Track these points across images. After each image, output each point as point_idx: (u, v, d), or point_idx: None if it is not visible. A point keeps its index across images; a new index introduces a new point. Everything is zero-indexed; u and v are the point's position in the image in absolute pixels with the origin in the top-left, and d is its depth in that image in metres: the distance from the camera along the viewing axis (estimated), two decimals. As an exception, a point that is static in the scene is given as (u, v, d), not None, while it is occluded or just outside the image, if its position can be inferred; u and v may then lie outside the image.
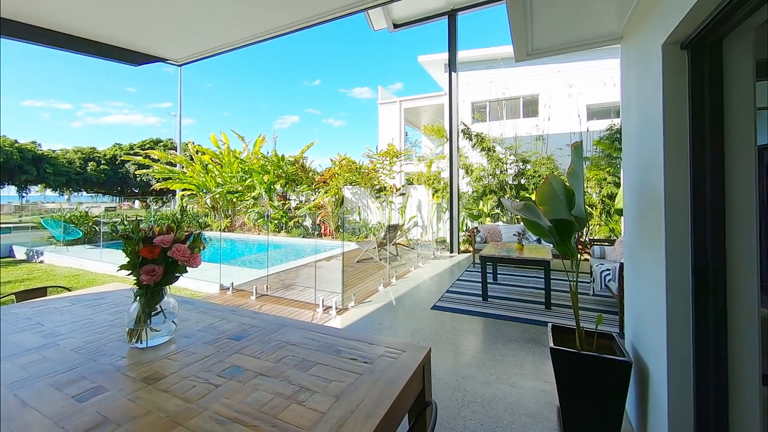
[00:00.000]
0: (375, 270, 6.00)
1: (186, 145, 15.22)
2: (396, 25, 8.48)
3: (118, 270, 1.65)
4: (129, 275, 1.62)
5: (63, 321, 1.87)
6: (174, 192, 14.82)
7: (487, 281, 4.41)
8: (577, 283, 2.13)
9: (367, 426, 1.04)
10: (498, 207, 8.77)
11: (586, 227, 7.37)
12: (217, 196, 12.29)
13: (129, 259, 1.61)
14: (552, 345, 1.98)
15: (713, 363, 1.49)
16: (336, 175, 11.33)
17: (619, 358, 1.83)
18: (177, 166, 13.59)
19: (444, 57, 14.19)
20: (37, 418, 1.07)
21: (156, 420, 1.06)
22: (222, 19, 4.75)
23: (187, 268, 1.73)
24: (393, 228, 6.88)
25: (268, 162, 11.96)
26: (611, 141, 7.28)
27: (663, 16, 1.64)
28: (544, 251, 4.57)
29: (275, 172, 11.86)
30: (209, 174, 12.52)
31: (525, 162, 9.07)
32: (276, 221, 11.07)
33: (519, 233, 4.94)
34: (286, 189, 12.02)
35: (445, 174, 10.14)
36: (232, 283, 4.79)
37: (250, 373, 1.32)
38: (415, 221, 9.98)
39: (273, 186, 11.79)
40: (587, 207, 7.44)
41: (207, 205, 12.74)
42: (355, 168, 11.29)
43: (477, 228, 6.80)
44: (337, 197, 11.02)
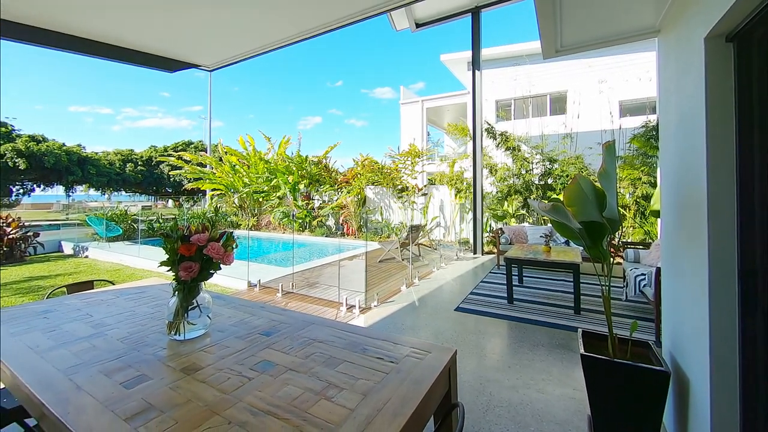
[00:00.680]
0: (397, 270, 6.01)
1: (215, 147, 15.86)
2: (418, 25, 8.44)
3: (158, 266, 1.76)
4: (168, 271, 1.72)
5: (109, 312, 2.01)
6: (204, 192, 15.48)
7: (513, 284, 4.31)
8: (610, 288, 2.05)
9: (394, 425, 1.05)
10: (524, 208, 8.54)
11: (618, 230, 7.05)
12: (244, 195, 12.72)
13: (168, 256, 1.71)
14: (583, 351, 1.92)
15: (762, 374, 1.39)
16: (358, 175, 11.43)
17: (657, 367, 1.75)
18: (207, 167, 14.18)
19: (467, 55, 13.98)
20: (90, 401, 1.16)
21: (195, 408, 1.12)
22: (250, 25, 4.92)
23: (221, 265, 1.82)
24: (415, 228, 6.86)
25: (292, 163, 12.25)
26: (646, 139, 6.90)
27: (705, 7, 1.55)
28: (572, 254, 4.41)
29: (299, 172, 12.12)
30: (237, 174, 12.98)
31: (552, 161, 8.78)
32: (300, 220, 11.32)
33: (546, 235, 4.80)
34: (309, 189, 12.27)
35: (468, 174, 9.98)
36: (259, 280, 4.95)
37: (280, 368, 1.37)
38: (438, 221, 9.90)
39: (297, 186, 12.06)
40: (620, 208, 7.10)
41: (235, 205, 13.22)
42: (378, 168, 11.35)
43: (501, 229, 6.66)
44: (360, 197, 11.12)
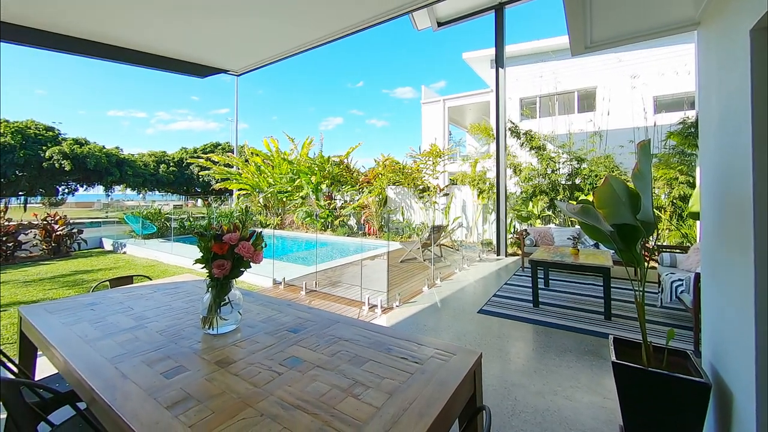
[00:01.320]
0: (419, 270, 5.99)
1: (241, 148, 16.40)
2: (440, 24, 8.36)
3: (194, 263, 1.85)
4: (202, 268, 1.81)
5: (148, 306, 2.13)
6: (231, 191, 16.05)
7: (538, 287, 4.20)
8: (644, 294, 1.96)
9: (421, 425, 1.06)
10: (549, 208, 8.29)
11: (653, 233, 6.70)
12: (269, 195, 13.09)
13: (203, 254, 1.80)
14: (614, 359, 1.85)
15: (817, 392, 1.30)
16: (380, 176, 11.48)
17: (696, 379, 1.66)
18: (234, 167, 14.69)
19: (490, 53, 13.74)
20: (135, 389, 1.24)
21: (230, 400, 1.18)
22: (276, 31, 5.05)
23: (251, 263, 1.89)
24: (437, 229, 6.82)
25: (314, 163, 12.47)
26: (684, 136, 6.52)
27: (754, -3, 1.46)
28: (602, 257, 4.24)
29: (321, 173, 12.33)
30: (262, 175, 13.37)
31: (579, 161, 8.47)
32: (322, 220, 11.51)
33: (574, 237, 4.63)
34: (331, 189, 12.45)
35: (491, 174, 9.80)
36: (284, 278, 5.09)
37: (308, 365, 1.41)
38: (460, 222, 9.78)
39: (319, 186, 12.27)
40: (655, 210, 6.75)
41: (260, 204, 13.62)
42: (399, 168, 11.35)
43: (526, 230, 6.49)
44: (381, 197, 11.17)
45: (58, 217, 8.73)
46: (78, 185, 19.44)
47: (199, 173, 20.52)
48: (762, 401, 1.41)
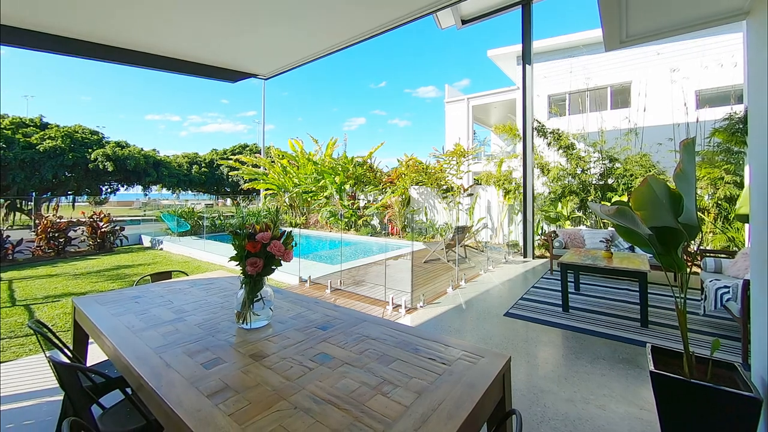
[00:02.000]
0: (443, 271, 5.94)
1: (268, 149, 16.91)
2: (464, 21, 8.23)
3: (229, 260, 1.94)
4: (237, 266, 1.89)
5: (186, 300, 2.25)
6: (258, 191, 16.58)
7: (568, 291, 4.05)
8: (685, 301, 1.86)
9: (450, 425, 1.06)
10: (580, 209, 7.97)
11: (696, 236, 6.29)
12: (294, 195, 13.41)
13: (237, 252, 1.88)
14: (653, 369, 1.76)
15: None
16: (403, 176, 11.48)
17: (745, 393, 1.55)
18: (261, 168, 15.17)
19: (516, 49, 13.38)
20: (178, 378, 1.32)
21: (264, 392, 1.23)
22: (303, 35, 5.18)
23: (282, 261, 1.95)
24: (461, 229, 6.73)
25: (338, 164, 12.65)
26: (730, 132, 6.07)
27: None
28: (638, 261, 4.03)
29: (345, 173, 12.49)
30: (287, 175, 13.72)
31: (613, 160, 8.08)
32: (346, 220, 11.66)
33: (607, 240, 4.43)
34: (355, 189, 12.58)
35: (517, 174, 9.55)
36: (309, 277, 5.21)
37: (337, 361, 1.44)
38: (485, 223, 9.60)
39: (343, 186, 12.43)
40: (698, 212, 6.34)
41: (285, 204, 13.99)
42: (422, 168, 11.29)
43: (555, 232, 6.28)
44: (404, 197, 11.16)
45: (102, 215, 9.37)
46: (119, 185, 20.76)
47: (229, 174, 21.34)
48: (823, 421, 1.30)
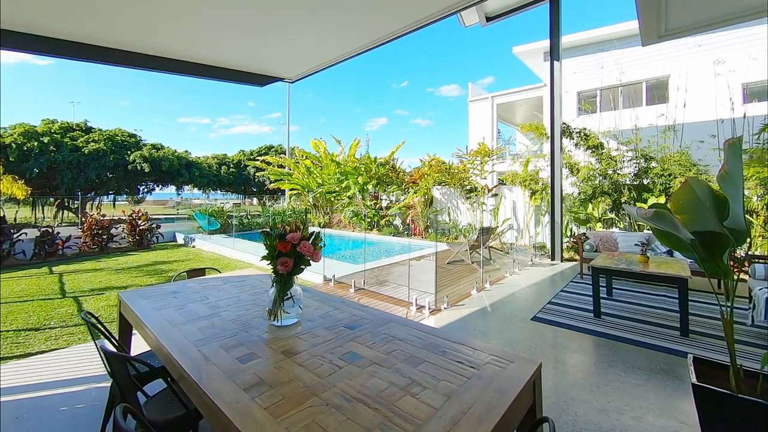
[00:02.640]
0: (467, 273, 5.86)
1: (293, 150, 17.31)
2: (489, 18, 8.05)
3: (260, 259, 2.01)
4: (268, 265, 1.96)
5: (220, 296, 2.36)
6: (284, 191, 17.02)
7: (600, 296, 3.89)
8: (732, 310, 1.74)
9: (480, 430, 1.06)
10: (612, 211, 7.62)
11: (744, 242, 5.84)
12: (318, 195, 13.66)
13: (268, 252, 1.95)
14: (695, 381, 1.67)
15: None
16: (425, 176, 11.41)
17: (801, 411, 1.44)
18: (286, 168, 15.56)
19: (543, 45, 12.98)
20: (216, 371, 1.39)
21: (297, 388, 1.27)
22: (329, 39, 5.28)
23: (310, 261, 2.00)
24: (486, 230, 6.61)
25: (361, 163, 12.77)
26: (784, 128, 5.60)
27: None
28: (677, 266, 3.81)
29: (368, 173, 12.58)
30: (311, 175, 14.00)
31: (648, 159, 7.66)
32: (369, 219, 11.75)
33: (643, 243, 4.21)
34: (377, 189, 12.65)
35: (544, 174, 9.26)
36: (333, 276, 5.30)
37: (365, 361, 1.47)
38: (510, 224, 9.38)
39: (366, 186, 12.53)
40: (746, 215, 5.89)
41: (309, 203, 14.28)
42: (445, 168, 11.18)
43: (585, 234, 6.04)
44: (427, 197, 11.10)
45: (141, 214, 9.94)
46: (155, 185, 21.95)
47: (255, 174, 22.03)
48: None
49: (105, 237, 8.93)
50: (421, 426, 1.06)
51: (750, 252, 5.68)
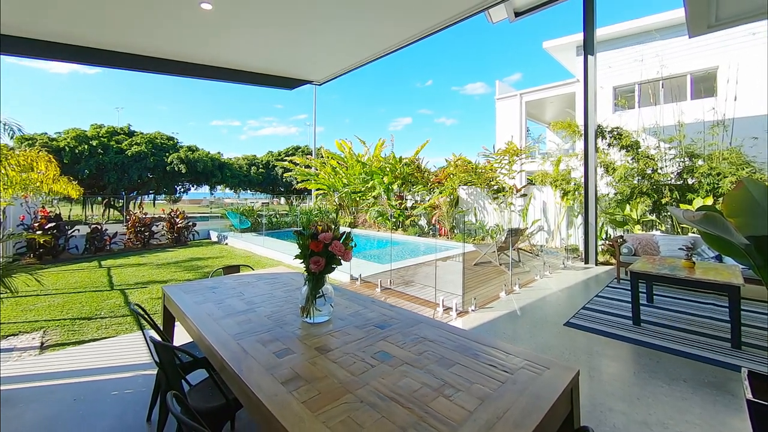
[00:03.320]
0: (495, 275, 5.74)
1: (319, 151, 17.65)
2: (518, 14, 7.80)
3: (294, 258, 2.08)
4: (301, 263, 2.01)
5: (255, 293, 2.46)
6: (310, 191, 17.39)
7: (639, 302, 3.68)
8: (797, 322, 1.60)
9: (516, 435, 1.04)
10: (652, 212, 7.18)
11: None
12: (343, 195, 13.85)
13: (301, 251, 2.01)
14: (751, 397, 1.55)
15: None
16: (451, 176, 11.27)
17: None
18: (312, 169, 15.90)
19: (576, 39, 12.44)
20: (255, 364, 1.45)
21: (332, 384, 1.30)
22: (356, 40, 5.35)
23: (342, 261, 2.05)
24: (515, 231, 6.43)
25: (387, 163, 12.81)
26: None
27: None
28: (727, 272, 3.53)
29: (393, 173, 12.60)
30: (337, 176, 14.21)
31: (694, 156, 7.16)
32: (394, 219, 11.78)
33: (688, 247, 3.94)
34: (402, 189, 12.64)
35: (577, 173, 8.87)
36: (360, 275, 5.35)
37: (397, 360, 1.48)
38: (540, 225, 9.07)
39: (391, 186, 12.56)
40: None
41: (335, 203, 14.51)
42: (471, 168, 10.99)
43: (622, 237, 5.73)
44: (452, 197, 10.96)
45: (178, 212, 10.52)
46: (190, 185, 23.14)
47: (283, 174, 22.66)
48: None
49: (147, 234, 9.53)
50: (456, 428, 1.06)
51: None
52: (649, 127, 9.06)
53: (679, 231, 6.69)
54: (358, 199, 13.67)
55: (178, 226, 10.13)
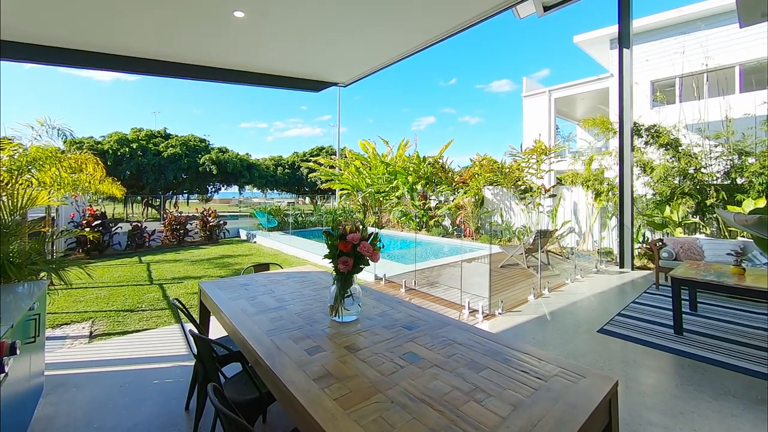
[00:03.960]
0: (522, 278, 5.58)
1: (342, 151, 17.87)
2: (546, 8, 7.52)
3: (323, 258, 2.12)
4: (330, 263, 2.05)
5: (284, 291, 2.53)
6: (334, 191, 17.65)
7: (682, 310, 3.46)
8: None
9: (552, 445, 1.02)
10: (695, 214, 6.72)
11: None
12: (367, 195, 13.94)
13: (330, 251, 2.04)
14: (815, 417, 1.42)
15: None
16: (476, 176, 11.07)
17: None
18: (336, 169, 16.12)
19: (609, 31, 11.87)
20: (288, 360, 1.49)
21: (362, 383, 1.32)
22: (382, 42, 5.37)
23: (369, 261, 2.06)
24: (543, 233, 6.23)
25: (411, 163, 12.77)
26: None
27: None
28: (784, 280, 3.24)
29: (416, 173, 12.55)
30: (361, 176, 14.33)
31: (744, 154, 6.63)
32: (418, 220, 11.73)
33: (737, 252, 3.65)
34: (426, 189, 12.55)
35: (610, 173, 8.45)
36: (384, 275, 5.37)
37: (426, 362, 1.48)
38: (570, 227, 8.72)
39: (414, 186, 12.51)
40: None
41: (359, 203, 14.63)
42: (497, 167, 10.74)
43: (662, 240, 5.40)
44: (477, 198, 10.76)
45: (210, 211, 10.99)
46: (221, 185, 24.13)
47: (308, 174, 23.14)
48: None
49: (182, 232, 10.03)
50: (489, 434, 1.05)
51: None
52: (692, 124, 8.47)
53: (727, 235, 6.22)
54: (381, 199, 13.71)
55: (210, 224, 10.59)
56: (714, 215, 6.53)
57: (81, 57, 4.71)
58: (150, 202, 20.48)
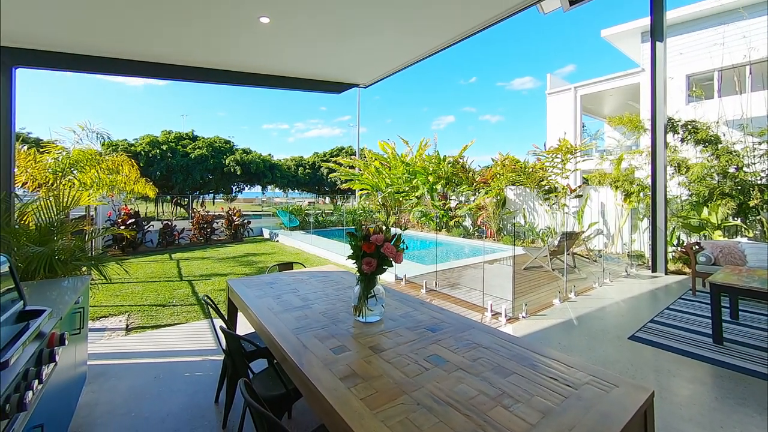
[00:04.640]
0: (547, 280, 5.42)
1: (362, 151, 17.99)
2: (572, 2, 7.25)
3: (347, 259, 2.14)
4: (353, 264, 2.07)
5: (308, 290, 2.58)
6: (354, 191, 17.80)
7: (722, 318, 3.26)
8: None
9: (585, 455, 0.99)
10: (737, 217, 6.32)
11: None
12: (387, 195, 13.96)
13: (353, 251, 2.07)
14: None
15: None
16: (498, 175, 10.85)
17: None
18: (356, 169, 16.25)
19: (640, 24, 11.33)
20: (314, 358, 1.52)
21: (387, 383, 1.33)
22: (402, 43, 5.36)
23: (393, 262, 2.07)
24: (569, 235, 6.03)
25: (431, 162, 12.69)
26: None
27: None
28: (839, 289, 3.00)
29: (436, 173, 12.45)
30: (380, 176, 14.37)
31: (793, 151, 6.17)
32: (438, 220, 11.65)
33: (784, 257, 3.41)
34: (446, 189, 12.44)
35: (642, 173, 8.07)
36: (405, 275, 5.37)
37: (450, 365, 1.47)
38: (597, 228, 8.39)
39: (434, 186, 12.42)
40: None
41: (379, 203, 14.68)
42: (519, 167, 10.49)
43: (699, 243, 5.11)
44: (499, 198, 10.55)
45: (235, 210, 11.35)
46: (245, 185, 24.87)
47: (328, 174, 23.45)
48: None
49: (208, 230, 10.42)
50: (518, 441, 1.03)
51: None
52: (733, 120, 7.96)
53: (772, 238, 5.80)
54: (401, 199, 13.70)
55: (235, 223, 10.94)
56: (758, 217, 6.11)
57: (121, 65, 5.01)
58: (179, 201, 21.39)
